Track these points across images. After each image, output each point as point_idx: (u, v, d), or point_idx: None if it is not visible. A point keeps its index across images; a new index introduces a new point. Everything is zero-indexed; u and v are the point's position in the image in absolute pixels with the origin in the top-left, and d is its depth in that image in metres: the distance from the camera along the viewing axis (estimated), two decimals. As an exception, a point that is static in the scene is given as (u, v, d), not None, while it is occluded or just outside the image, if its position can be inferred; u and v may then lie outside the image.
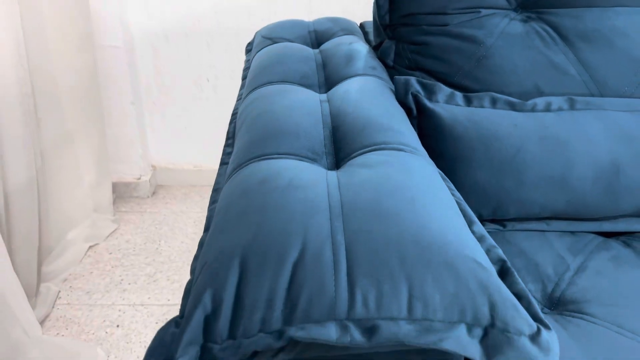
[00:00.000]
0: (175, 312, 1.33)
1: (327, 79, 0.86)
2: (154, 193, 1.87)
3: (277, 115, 0.69)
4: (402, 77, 0.79)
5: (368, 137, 0.63)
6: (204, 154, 1.87)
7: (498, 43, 0.83)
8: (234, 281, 0.45)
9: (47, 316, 1.31)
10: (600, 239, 0.78)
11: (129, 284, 1.43)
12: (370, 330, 0.43)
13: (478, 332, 0.45)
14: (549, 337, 0.45)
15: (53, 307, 1.35)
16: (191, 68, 1.73)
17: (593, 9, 0.83)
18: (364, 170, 0.56)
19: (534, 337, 0.45)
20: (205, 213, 1.75)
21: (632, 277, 0.69)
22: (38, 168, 1.33)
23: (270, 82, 0.83)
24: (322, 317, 0.44)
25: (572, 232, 0.78)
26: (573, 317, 0.63)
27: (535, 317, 0.46)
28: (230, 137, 0.82)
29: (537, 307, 0.47)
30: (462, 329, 0.44)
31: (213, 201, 0.65)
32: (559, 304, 0.66)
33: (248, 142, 0.66)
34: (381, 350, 0.47)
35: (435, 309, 0.44)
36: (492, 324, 0.45)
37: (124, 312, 1.33)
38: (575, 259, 0.72)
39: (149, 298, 1.38)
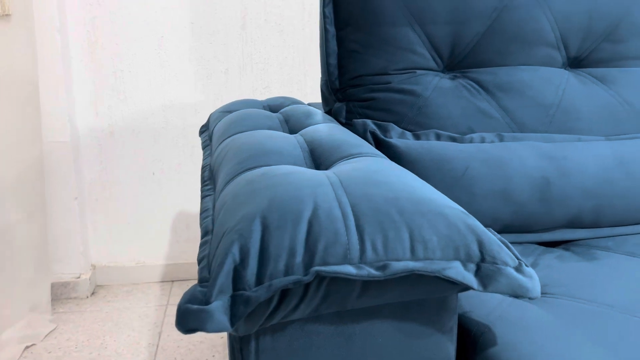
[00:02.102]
0: (127, 401, 1.24)
1: (292, 130, 0.96)
2: (93, 293, 1.80)
3: (260, 142, 0.77)
4: (360, 120, 0.91)
5: (344, 151, 0.73)
6: (147, 250, 1.85)
7: (433, 95, 0.99)
8: (258, 236, 0.50)
9: (-21, 421, 1.17)
10: (544, 247, 0.89)
11: (74, 379, 1.33)
12: (382, 268, 0.49)
13: (472, 267, 0.52)
14: (530, 269, 0.53)
15: (-14, 411, 1.21)
16: (137, 163, 1.77)
17: (503, 67, 1.02)
18: (348, 165, 0.65)
19: (518, 268, 0.52)
20: (151, 308, 1.69)
21: (577, 267, 0.79)
22: (-21, 257, 1.27)
23: (241, 131, 0.92)
24: (339, 262, 0.49)
25: (520, 243, 0.89)
26: (537, 296, 0.71)
27: (517, 257, 0.54)
28: (207, 179, 0.88)
29: (516, 251, 0.55)
30: (458, 265, 0.51)
31: (205, 215, 0.70)
32: (522, 292, 0.74)
33: (236, 162, 0.72)
34: (391, 295, 0.52)
35: (434, 249, 0.51)
36: (482, 259, 0.52)
37: (69, 408, 1.22)
38: (527, 259, 0.82)
39: (97, 391, 1.28)
